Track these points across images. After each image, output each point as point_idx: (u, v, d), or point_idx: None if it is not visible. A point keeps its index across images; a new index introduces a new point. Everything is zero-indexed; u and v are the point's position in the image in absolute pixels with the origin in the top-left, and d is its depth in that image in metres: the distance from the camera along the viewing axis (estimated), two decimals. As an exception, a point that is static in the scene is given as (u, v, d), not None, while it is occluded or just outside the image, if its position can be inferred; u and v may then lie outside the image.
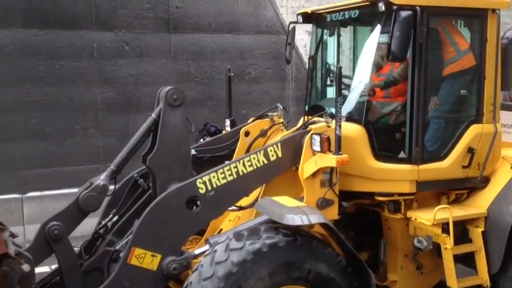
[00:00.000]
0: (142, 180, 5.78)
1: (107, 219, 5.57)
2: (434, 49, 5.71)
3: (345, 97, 5.88)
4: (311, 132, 5.31)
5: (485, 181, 6.02)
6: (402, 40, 5.14)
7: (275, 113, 6.43)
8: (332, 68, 6.44)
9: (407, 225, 5.93)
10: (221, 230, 5.71)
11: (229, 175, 5.13)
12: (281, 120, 6.41)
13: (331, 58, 6.39)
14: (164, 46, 10.54)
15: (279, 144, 5.34)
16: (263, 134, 6.18)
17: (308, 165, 5.26)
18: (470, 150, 5.79)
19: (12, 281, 4.31)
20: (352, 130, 5.63)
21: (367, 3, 5.60)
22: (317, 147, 5.17)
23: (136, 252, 4.80)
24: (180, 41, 10.64)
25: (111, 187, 5.26)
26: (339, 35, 6.41)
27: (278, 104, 6.25)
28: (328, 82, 6.44)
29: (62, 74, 9.75)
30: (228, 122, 6.69)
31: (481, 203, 5.89)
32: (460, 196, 6.07)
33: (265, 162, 5.28)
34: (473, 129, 5.86)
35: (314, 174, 5.30)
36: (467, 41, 5.95)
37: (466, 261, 5.73)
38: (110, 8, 10.10)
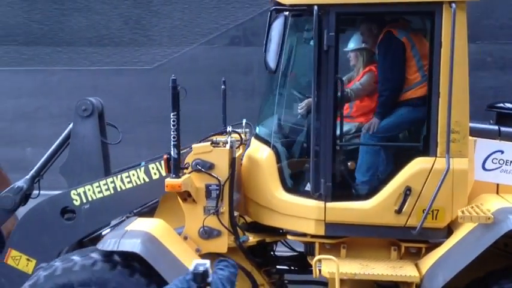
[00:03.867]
0: None
1: None
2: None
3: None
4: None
5: (444, 235, 4.46)
6: (273, 47, 4.25)
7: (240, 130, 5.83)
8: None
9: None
10: None
11: (106, 190, 4.97)
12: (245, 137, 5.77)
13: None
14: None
15: (162, 162, 4.93)
16: None
17: (178, 188, 4.73)
18: (406, 191, 4.37)
19: None
20: (261, 153, 4.83)
21: None
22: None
23: (12, 253, 5.06)
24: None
25: (36, 191, 5.57)
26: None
27: (244, 120, 5.64)
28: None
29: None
30: None
31: (426, 264, 4.40)
32: (415, 251, 4.62)
33: (146, 180, 4.94)
34: (417, 164, 4.41)
35: (196, 199, 4.74)
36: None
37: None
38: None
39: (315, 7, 4.29)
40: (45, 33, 11.54)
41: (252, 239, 4.97)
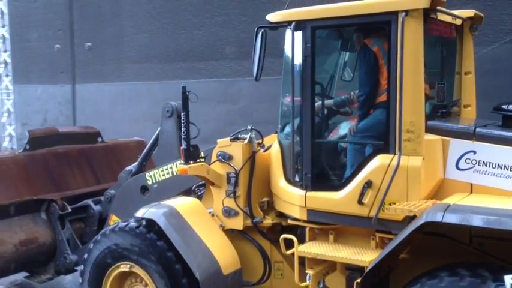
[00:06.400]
0: None
1: None
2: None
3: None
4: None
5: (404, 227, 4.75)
6: (254, 59, 5.17)
7: None
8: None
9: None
10: None
11: (167, 173, 6.37)
12: None
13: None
14: None
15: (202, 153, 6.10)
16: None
17: (202, 173, 5.86)
18: (365, 184, 4.81)
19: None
20: (274, 148, 5.71)
21: None
22: None
23: (113, 218, 6.81)
24: None
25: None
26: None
27: None
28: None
29: None
30: None
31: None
32: (388, 241, 4.96)
33: None
34: (378, 160, 4.82)
35: (220, 184, 5.83)
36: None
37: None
38: None
39: (293, 23, 5.08)
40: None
41: (269, 220, 5.84)
